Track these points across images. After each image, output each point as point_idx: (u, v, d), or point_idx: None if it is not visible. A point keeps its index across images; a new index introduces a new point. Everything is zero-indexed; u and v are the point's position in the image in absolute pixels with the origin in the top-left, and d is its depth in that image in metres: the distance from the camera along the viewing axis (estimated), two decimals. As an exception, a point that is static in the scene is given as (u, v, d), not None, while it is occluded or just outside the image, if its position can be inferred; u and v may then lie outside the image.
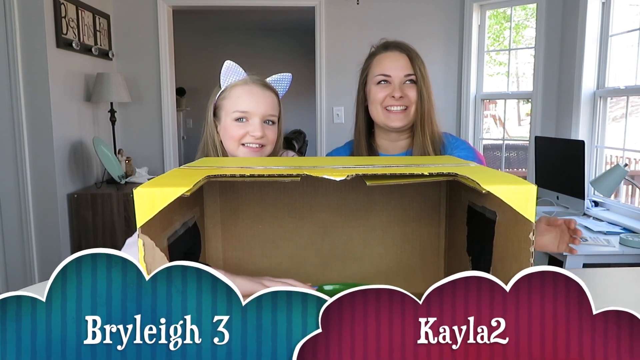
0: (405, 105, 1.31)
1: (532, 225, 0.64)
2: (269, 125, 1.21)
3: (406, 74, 1.31)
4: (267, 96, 1.21)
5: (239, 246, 1.03)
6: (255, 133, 1.17)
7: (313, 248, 1.03)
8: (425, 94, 1.31)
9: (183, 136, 6.15)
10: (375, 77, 1.33)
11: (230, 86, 1.23)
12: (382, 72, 1.32)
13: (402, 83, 1.31)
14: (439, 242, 1.04)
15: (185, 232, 0.86)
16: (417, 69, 1.31)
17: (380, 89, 1.32)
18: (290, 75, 1.30)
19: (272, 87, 1.26)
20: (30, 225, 2.72)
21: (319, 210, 1.02)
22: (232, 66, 1.23)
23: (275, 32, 6.24)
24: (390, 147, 1.38)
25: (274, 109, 1.22)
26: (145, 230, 0.64)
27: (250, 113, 1.19)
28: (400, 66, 1.31)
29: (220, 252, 1.03)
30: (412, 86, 1.31)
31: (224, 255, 1.03)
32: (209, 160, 0.98)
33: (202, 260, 0.99)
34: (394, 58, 1.33)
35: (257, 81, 1.23)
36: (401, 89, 1.30)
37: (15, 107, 2.63)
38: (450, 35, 3.55)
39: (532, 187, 0.65)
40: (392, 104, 1.31)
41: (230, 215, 1.02)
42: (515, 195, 0.65)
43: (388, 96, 1.31)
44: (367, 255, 1.04)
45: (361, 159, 1.12)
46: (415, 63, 1.31)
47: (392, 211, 1.03)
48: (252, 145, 1.19)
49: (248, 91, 1.20)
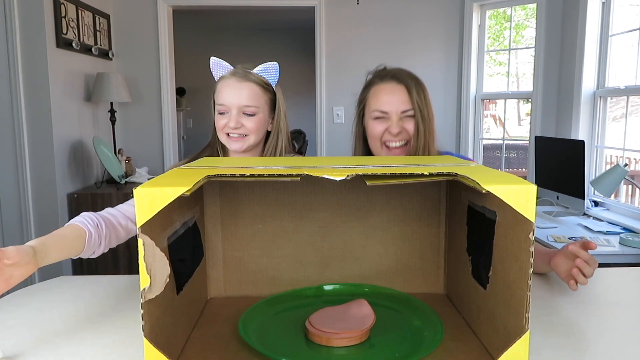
0: (405, 140, 1.29)
1: (532, 225, 0.64)
2: (247, 116, 1.26)
3: (403, 109, 1.27)
4: (243, 87, 1.26)
5: (239, 246, 1.03)
6: (230, 124, 1.25)
7: (313, 248, 1.03)
8: (422, 128, 1.27)
9: (183, 136, 6.14)
10: (373, 113, 1.29)
11: (218, 80, 1.32)
12: (378, 108, 1.28)
13: (399, 118, 1.28)
14: (439, 242, 1.04)
15: (186, 232, 0.86)
16: (414, 102, 1.27)
17: (378, 124, 1.29)
18: (276, 63, 1.33)
19: (253, 78, 1.28)
20: (30, 225, 2.72)
21: (319, 210, 1.02)
22: (217, 61, 1.30)
23: (275, 32, 6.24)
24: None
25: (252, 99, 1.27)
26: (145, 230, 0.64)
27: (227, 106, 1.26)
28: (397, 100, 1.27)
29: (220, 252, 1.03)
30: (411, 119, 1.28)
31: (224, 255, 1.03)
32: (209, 160, 0.98)
33: (202, 260, 0.99)
34: (391, 91, 1.28)
35: (235, 74, 1.28)
36: (399, 124, 1.27)
37: (15, 107, 2.63)
38: (450, 35, 3.55)
39: (531, 186, 0.65)
40: (390, 140, 1.28)
41: (231, 215, 1.02)
42: (515, 195, 0.65)
43: (386, 131, 1.28)
44: (367, 255, 1.03)
45: (361, 158, 1.11)
46: (413, 95, 1.27)
47: (392, 211, 1.02)
48: (233, 135, 1.27)
49: (226, 84, 1.28)
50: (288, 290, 1.01)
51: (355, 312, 0.86)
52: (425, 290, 1.04)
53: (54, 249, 0.95)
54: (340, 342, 0.79)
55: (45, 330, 0.93)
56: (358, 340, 0.80)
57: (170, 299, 0.76)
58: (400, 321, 0.89)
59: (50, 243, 0.95)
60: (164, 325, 0.74)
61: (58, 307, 1.03)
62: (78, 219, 1.07)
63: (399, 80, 1.29)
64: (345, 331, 0.80)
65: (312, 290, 1.01)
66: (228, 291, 1.04)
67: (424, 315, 0.89)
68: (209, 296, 1.03)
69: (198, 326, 0.90)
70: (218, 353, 0.80)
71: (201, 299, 0.99)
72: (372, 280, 1.03)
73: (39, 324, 0.96)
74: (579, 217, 2.66)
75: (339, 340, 0.79)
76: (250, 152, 1.33)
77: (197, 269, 0.94)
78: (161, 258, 0.69)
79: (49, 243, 0.95)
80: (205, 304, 1.00)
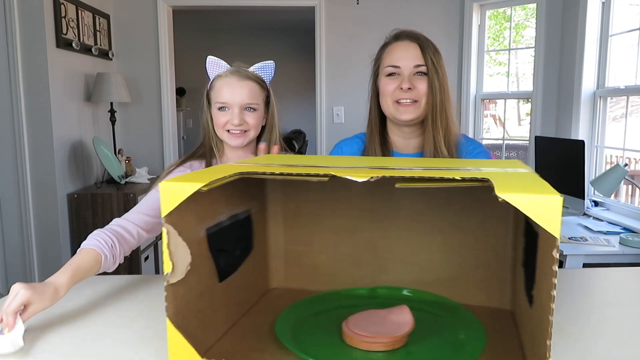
0: (415, 99, 1.25)
1: (556, 241, 0.58)
2: (249, 112, 1.32)
3: (416, 64, 1.25)
4: (244, 86, 1.31)
5: (300, 241, 1.04)
6: (233, 121, 1.30)
7: (371, 249, 1.01)
8: (437, 85, 1.24)
9: (183, 136, 6.14)
10: (385, 69, 1.28)
11: (214, 78, 1.34)
12: (391, 63, 1.27)
13: (411, 74, 1.25)
14: (505, 253, 0.94)
15: (233, 225, 0.90)
16: (428, 59, 1.24)
17: (390, 81, 1.27)
18: (273, 62, 1.38)
19: (252, 77, 1.33)
20: (30, 225, 2.72)
21: (378, 211, 1.00)
22: (215, 60, 1.35)
23: (275, 32, 6.24)
24: (404, 144, 1.34)
25: (253, 97, 1.32)
26: (168, 220, 0.70)
27: (229, 103, 1.30)
28: (410, 56, 1.25)
29: (281, 245, 1.05)
30: (423, 78, 1.25)
31: (285, 248, 1.05)
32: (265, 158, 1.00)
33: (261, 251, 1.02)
34: (404, 47, 1.27)
35: (235, 73, 1.32)
36: (410, 80, 1.25)
37: (15, 107, 2.63)
38: (450, 35, 3.55)
39: (557, 197, 0.57)
40: (401, 97, 1.26)
41: (293, 210, 1.04)
42: (537, 205, 0.57)
43: (397, 88, 1.26)
44: (427, 260, 0.99)
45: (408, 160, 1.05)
46: (427, 52, 1.25)
47: (454, 217, 0.97)
48: (235, 131, 1.31)
49: (227, 83, 1.31)
50: (342, 288, 1.00)
51: (394, 318, 0.83)
52: (489, 304, 0.95)
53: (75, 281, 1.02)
54: (372, 347, 0.78)
55: (45, 330, 0.93)
56: (391, 346, 0.78)
57: (209, 286, 0.82)
58: (444, 331, 0.85)
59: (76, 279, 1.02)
60: (198, 310, 0.78)
61: (58, 307, 1.03)
62: (92, 242, 1.10)
63: (413, 39, 1.28)
64: (378, 335, 0.78)
65: (364, 291, 0.99)
66: (289, 283, 1.06)
67: (469, 327, 0.85)
68: (270, 286, 1.06)
69: (250, 314, 0.93)
70: (251, 342, 0.82)
71: (258, 288, 1.02)
72: (430, 287, 0.98)
73: (39, 323, 0.96)
74: (579, 217, 2.66)
75: (371, 344, 0.78)
76: (247, 147, 1.37)
77: (255, 260, 0.98)
78: (183, 246, 0.74)
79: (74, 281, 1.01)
80: (265, 294, 1.03)
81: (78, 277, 1.02)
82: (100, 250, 1.09)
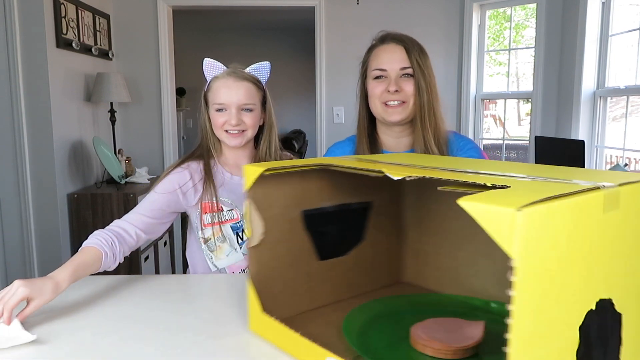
0: (403, 100, 1.29)
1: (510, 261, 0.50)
2: (246, 112, 1.34)
3: (402, 66, 1.28)
4: (241, 87, 1.34)
5: (429, 240, 1.07)
6: (231, 121, 1.32)
7: (492, 258, 0.93)
8: (423, 85, 1.27)
9: (183, 136, 6.14)
10: (373, 72, 1.32)
11: (211, 80, 1.37)
12: (378, 67, 1.31)
13: (398, 76, 1.29)
14: None
15: (339, 212, 0.98)
16: (413, 60, 1.28)
17: (378, 84, 1.31)
18: (268, 63, 1.40)
19: (248, 77, 1.35)
20: (30, 225, 2.72)
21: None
22: (211, 62, 1.37)
23: (275, 32, 6.24)
24: (394, 143, 1.37)
25: (249, 97, 1.34)
26: (249, 195, 0.85)
27: (226, 104, 1.33)
28: (396, 59, 1.29)
29: (411, 241, 1.10)
30: (409, 79, 1.29)
31: (414, 245, 1.09)
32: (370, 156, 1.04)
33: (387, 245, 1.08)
34: (390, 50, 1.30)
35: (232, 74, 1.34)
36: (397, 82, 1.28)
37: (15, 107, 2.62)
38: (450, 35, 3.55)
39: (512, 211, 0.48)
40: (389, 99, 1.29)
41: (424, 209, 1.07)
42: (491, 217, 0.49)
43: (385, 91, 1.29)
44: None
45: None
46: (412, 54, 1.28)
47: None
48: (233, 132, 1.34)
49: (224, 84, 1.34)
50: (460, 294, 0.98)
51: (466, 330, 0.81)
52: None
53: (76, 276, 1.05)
54: (430, 352, 0.77)
55: (45, 330, 0.93)
56: (451, 355, 0.77)
57: (306, 262, 0.94)
58: None
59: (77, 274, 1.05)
60: (288, 278, 0.90)
61: (58, 307, 1.03)
62: (93, 240, 1.14)
63: (399, 41, 1.31)
64: (437, 342, 0.77)
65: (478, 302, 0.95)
66: (417, 280, 1.09)
67: None
68: (399, 279, 1.12)
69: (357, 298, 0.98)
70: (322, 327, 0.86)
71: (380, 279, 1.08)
72: None
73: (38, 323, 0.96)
74: (579, 217, 2.65)
75: (428, 349, 0.77)
76: (245, 147, 1.39)
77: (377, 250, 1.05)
78: (257, 218, 0.86)
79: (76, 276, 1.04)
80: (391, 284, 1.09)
81: (79, 272, 1.05)
82: (100, 248, 1.12)
